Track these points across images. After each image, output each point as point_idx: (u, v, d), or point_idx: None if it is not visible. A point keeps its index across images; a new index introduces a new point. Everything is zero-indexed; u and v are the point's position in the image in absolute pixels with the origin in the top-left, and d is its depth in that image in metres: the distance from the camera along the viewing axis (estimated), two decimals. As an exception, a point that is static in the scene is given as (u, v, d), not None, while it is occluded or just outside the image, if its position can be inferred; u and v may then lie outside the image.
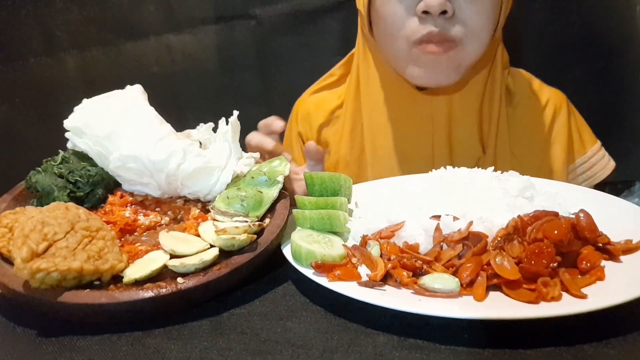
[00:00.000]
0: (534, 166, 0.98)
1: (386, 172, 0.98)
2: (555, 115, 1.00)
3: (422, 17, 0.84)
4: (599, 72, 1.22)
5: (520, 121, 0.99)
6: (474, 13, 0.84)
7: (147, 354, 0.53)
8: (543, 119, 1.00)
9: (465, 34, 0.85)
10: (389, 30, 0.88)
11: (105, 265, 0.58)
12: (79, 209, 0.62)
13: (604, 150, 1.04)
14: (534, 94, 1.01)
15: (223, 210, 0.69)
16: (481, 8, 0.85)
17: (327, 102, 1.06)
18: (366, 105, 0.99)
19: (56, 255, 0.55)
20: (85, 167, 0.73)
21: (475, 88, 0.95)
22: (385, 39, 0.90)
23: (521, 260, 0.57)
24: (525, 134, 0.99)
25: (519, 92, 1.00)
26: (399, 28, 0.86)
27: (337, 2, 1.22)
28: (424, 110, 0.96)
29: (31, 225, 0.57)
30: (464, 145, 0.96)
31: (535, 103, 1.01)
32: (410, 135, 0.97)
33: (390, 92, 0.97)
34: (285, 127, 0.86)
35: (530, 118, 1.00)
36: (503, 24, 0.91)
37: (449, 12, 0.83)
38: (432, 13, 0.82)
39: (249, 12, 1.25)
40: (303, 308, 0.59)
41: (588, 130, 1.04)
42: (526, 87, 1.01)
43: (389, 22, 0.87)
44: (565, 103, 1.02)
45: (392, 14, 0.86)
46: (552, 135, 1.00)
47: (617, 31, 1.19)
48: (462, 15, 0.84)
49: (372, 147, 0.99)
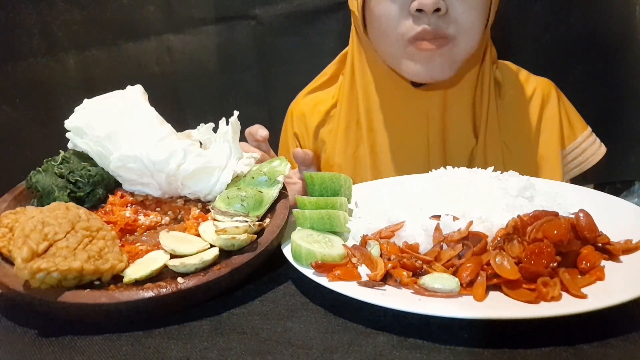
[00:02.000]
0: (526, 154, 1.00)
1: (382, 168, 0.99)
2: (544, 103, 1.02)
3: (416, 15, 0.85)
4: (599, 72, 1.22)
5: (510, 111, 1.00)
6: (466, 10, 0.86)
7: (147, 353, 0.53)
8: (531, 108, 1.02)
9: (458, 31, 0.87)
10: (383, 28, 0.89)
11: (105, 265, 0.58)
12: (79, 209, 0.62)
13: (594, 136, 1.05)
14: (521, 84, 1.03)
15: (223, 210, 0.69)
16: (473, 5, 0.87)
17: (322, 103, 1.07)
18: (362, 103, 1.00)
19: (56, 255, 0.56)
20: (86, 167, 0.74)
21: (467, 83, 0.97)
22: (379, 38, 0.92)
23: (521, 260, 0.57)
24: (516, 123, 1.01)
25: (506, 83, 1.02)
26: (393, 27, 0.88)
27: (337, 2, 1.22)
28: (419, 106, 0.97)
29: (32, 225, 0.57)
30: (458, 138, 0.98)
31: (523, 92, 1.02)
32: (406, 130, 0.98)
33: (386, 90, 0.98)
34: (268, 136, 0.87)
35: (519, 107, 1.01)
36: (493, 21, 0.92)
37: (442, 10, 0.84)
38: (426, 11, 0.84)
39: (249, 12, 1.26)
40: (303, 308, 0.59)
41: (578, 117, 1.05)
42: (513, 78, 1.03)
43: (383, 21, 0.88)
44: (553, 90, 1.04)
45: (386, 13, 0.87)
46: (542, 123, 1.02)
47: (617, 31, 1.19)
48: (454, 12, 0.86)
49: (369, 144, 1.00)
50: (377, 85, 0.99)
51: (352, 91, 1.01)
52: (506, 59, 1.06)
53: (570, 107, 1.05)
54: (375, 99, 0.99)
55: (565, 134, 1.03)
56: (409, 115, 0.98)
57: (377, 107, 0.99)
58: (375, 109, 0.99)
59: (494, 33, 0.98)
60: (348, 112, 1.02)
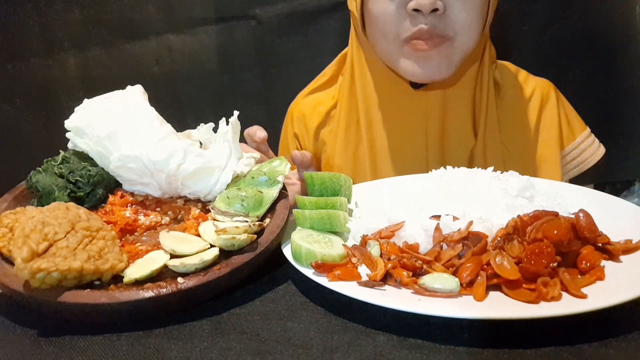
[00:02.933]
0: (525, 155, 1.00)
1: (382, 167, 0.99)
2: (543, 104, 1.02)
3: (413, 14, 0.85)
4: (599, 72, 1.22)
5: (509, 111, 1.01)
6: (464, 10, 0.86)
7: (147, 353, 0.53)
8: (531, 108, 1.02)
9: (455, 31, 0.87)
10: (381, 28, 0.89)
11: (105, 265, 0.58)
12: (79, 209, 0.62)
13: (593, 137, 1.05)
14: (520, 84, 1.03)
15: (223, 210, 0.69)
16: (471, 5, 0.87)
17: (322, 104, 1.07)
18: (362, 103, 1.00)
19: (57, 255, 0.56)
20: (86, 167, 0.74)
21: (467, 83, 0.97)
22: (377, 38, 0.92)
23: (521, 260, 0.57)
24: (515, 124, 1.01)
25: (505, 84, 1.02)
26: (390, 26, 0.88)
27: (337, 2, 1.22)
28: (418, 106, 0.97)
29: (32, 225, 0.57)
30: (457, 138, 0.98)
31: (522, 93, 1.02)
32: (405, 130, 0.98)
33: (385, 90, 0.99)
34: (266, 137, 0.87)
35: (518, 108, 1.02)
36: (491, 20, 0.92)
37: (440, 10, 0.84)
38: (423, 11, 0.84)
39: (249, 12, 1.26)
40: (303, 308, 0.59)
41: (577, 117, 1.05)
42: (512, 78, 1.03)
43: (381, 20, 0.88)
44: (552, 91, 1.04)
45: (384, 12, 0.87)
46: (541, 123, 1.02)
47: (617, 31, 1.19)
48: (452, 12, 0.86)
49: (368, 144, 1.00)
50: (377, 85, 0.99)
51: (352, 91, 1.01)
52: (506, 59, 1.06)
53: (569, 107, 1.05)
54: (375, 99, 0.99)
55: (565, 135, 1.03)
56: (407, 115, 0.98)
57: (376, 107, 0.99)
58: (374, 108, 0.99)
59: (494, 33, 0.98)
60: (348, 112, 1.02)
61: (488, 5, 0.91)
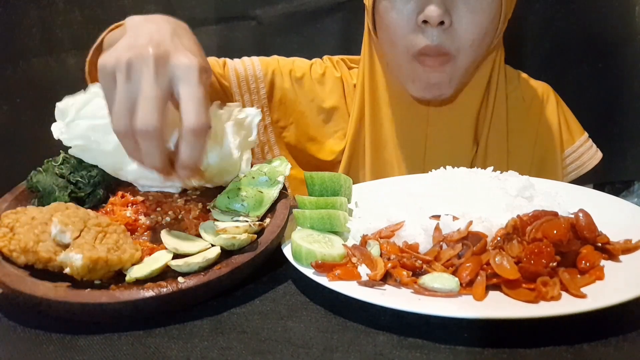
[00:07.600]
0: (526, 158, 1.01)
1: (380, 165, 1.00)
2: (543, 107, 1.03)
3: (421, 26, 0.86)
4: (599, 72, 1.22)
5: (509, 114, 1.01)
6: (473, 25, 0.86)
7: (148, 353, 0.53)
8: (531, 111, 1.02)
9: (459, 48, 0.87)
10: (391, 37, 0.90)
11: (125, 255, 0.59)
12: (79, 209, 0.63)
13: (591, 141, 1.06)
14: (520, 88, 1.03)
15: (223, 210, 0.69)
16: (481, 19, 0.86)
17: (352, 77, 1.05)
18: (368, 96, 1.00)
19: None
20: (87, 167, 0.74)
21: (474, 92, 0.97)
22: (387, 46, 0.93)
23: (520, 260, 0.57)
24: (514, 127, 1.01)
25: (506, 87, 1.02)
26: (400, 39, 0.88)
27: (337, 2, 1.22)
28: (420, 108, 0.97)
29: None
30: (458, 146, 0.98)
31: (522, 96, 1.03)
32: (404, 129, 0.98)
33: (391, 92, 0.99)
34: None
35: (518, 111, 1.02)
36: (504, 28, 0.92)
37: (446, 24, 0.84)
38: (431, 23, 0.84)
39: (249, 12, 1.26)
40: (303, 307, 0.59)
41: (575, 122, 1.06)
42: (513, 81, 1.03)
43: (391, 31, 0.89)
44: (552, 94, 1.04)
45: (395, 23, 0.88)
46: (540, 127, 1.02)
47: (617, 31, 1.20)
48: (460, 27, 0.85)
49: (370, 141, 1.00)
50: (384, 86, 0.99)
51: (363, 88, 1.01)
52: (506, 59, 1.06)
53: (568, 111, 1.06)
54: (381, 98, 0.99)
55: (564, 138, 1.03)
56: (408, 114, 0.98)
57: (381, 106, 0.99)
58: (383, 103, 0.99)
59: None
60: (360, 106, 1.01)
61: (499, 17, 0.89)
